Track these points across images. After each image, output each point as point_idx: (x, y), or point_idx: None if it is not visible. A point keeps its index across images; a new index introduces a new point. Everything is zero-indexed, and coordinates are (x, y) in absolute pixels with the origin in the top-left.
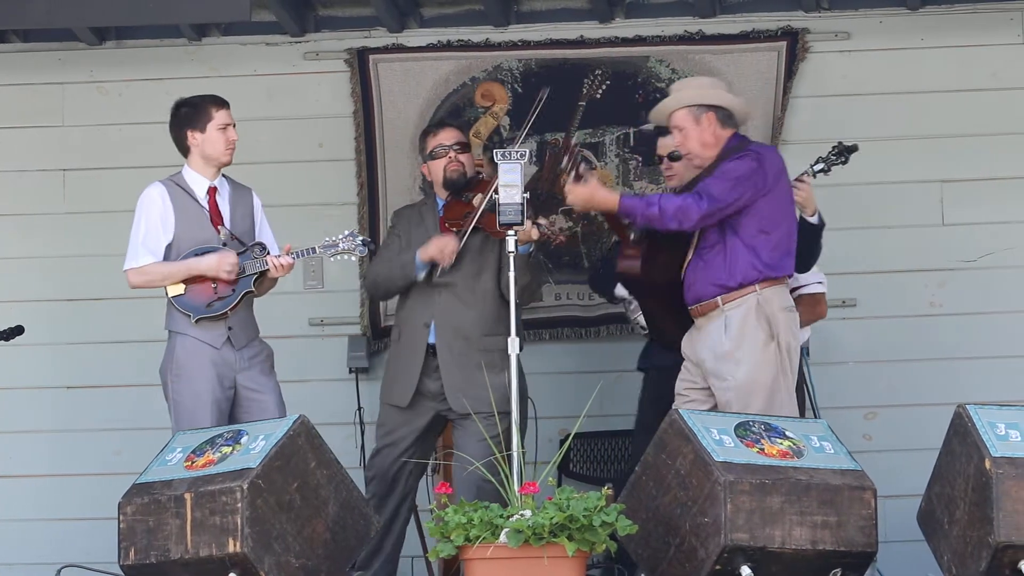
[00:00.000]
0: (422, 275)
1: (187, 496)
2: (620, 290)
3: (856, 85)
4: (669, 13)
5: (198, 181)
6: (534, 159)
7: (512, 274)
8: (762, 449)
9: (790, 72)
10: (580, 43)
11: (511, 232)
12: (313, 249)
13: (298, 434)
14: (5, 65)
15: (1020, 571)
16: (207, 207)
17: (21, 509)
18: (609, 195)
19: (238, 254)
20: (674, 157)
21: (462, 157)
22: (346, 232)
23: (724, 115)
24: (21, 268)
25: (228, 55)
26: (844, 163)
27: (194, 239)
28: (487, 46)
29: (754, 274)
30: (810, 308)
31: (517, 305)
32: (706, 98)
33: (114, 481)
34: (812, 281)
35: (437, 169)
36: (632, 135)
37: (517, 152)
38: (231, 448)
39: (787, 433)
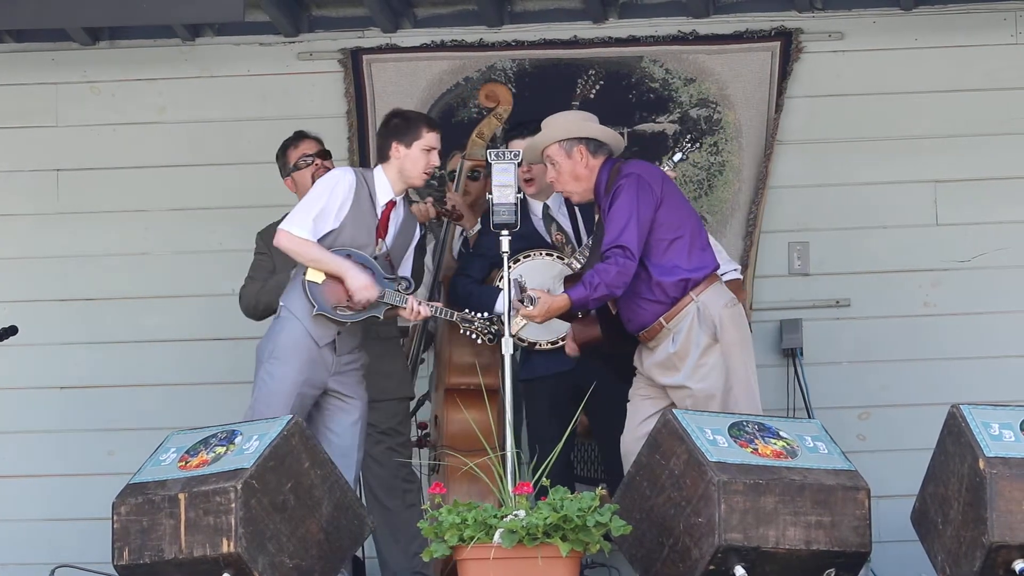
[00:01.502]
0: None
1: (181, 496)
2: (501, 305)
3: (850, 85)
4: (663, 13)
5: (384, 189)
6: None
7: (506, 273)
8: (756, 449)
9: (784, 72)
10: (574, 43)
11: (504, 233)
12: (451, 314)
13: (292, 434)
14: None
15: (1014, 571)
16: (380, 217)
17: (15, 509)
18: (559, 301)
19: (386, 278)
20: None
21: (328, 164)
22: (486, 314)
23: (595, 145)
24: (14, 268)
25: (222, 55)
26: (700, 146)
27: (354, 239)
28: (481, 46)
29: (683, 284)
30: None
31: (414, 271)
32: (575, 131)
33: (108, 481)
34: (728, 269)
35: (304, 179)
36: (626, 135)
37: (511, 152)
38: (225, 448)
39: (781, 433)
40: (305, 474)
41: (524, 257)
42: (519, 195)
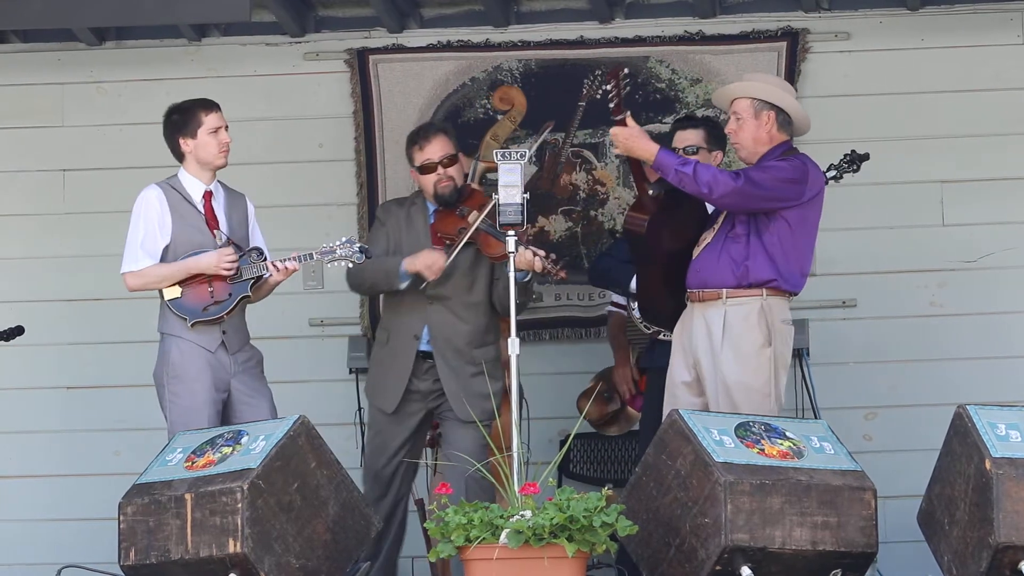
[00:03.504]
0: (404, 285)
1: (187, 496)
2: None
3: (856, 85)
4: (669, 13)
5: (194, 185)
6: (534, 159)
7: (511, 275)
8: (762, 450)
9: (792, 73)
10: (580, 43)
11: (511, 233)
12: (311, 255)
13: (298, 434)
14: (5, 65)
15: (1020, 572)
16: (203, 211)
17: (21, 509)
18: (648, 144)
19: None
20: (688, 151)
21: (452, 171)
22: (344, 239)
23: (784, 119)
24: (21, 268)
25: (228, 55)
26: (856, 171)
27: (191, 243)
28: (487, 46)
29: (767, 280)
30: None
31: (517, 305)
32: (773, 96)
33: (114, 481)
34: None
35: (427, 183)
36: None
37: (517, 152)
38: (231, 448)
39: (787, 433)
40: (311, 474)
41: None
42: (525, 195)
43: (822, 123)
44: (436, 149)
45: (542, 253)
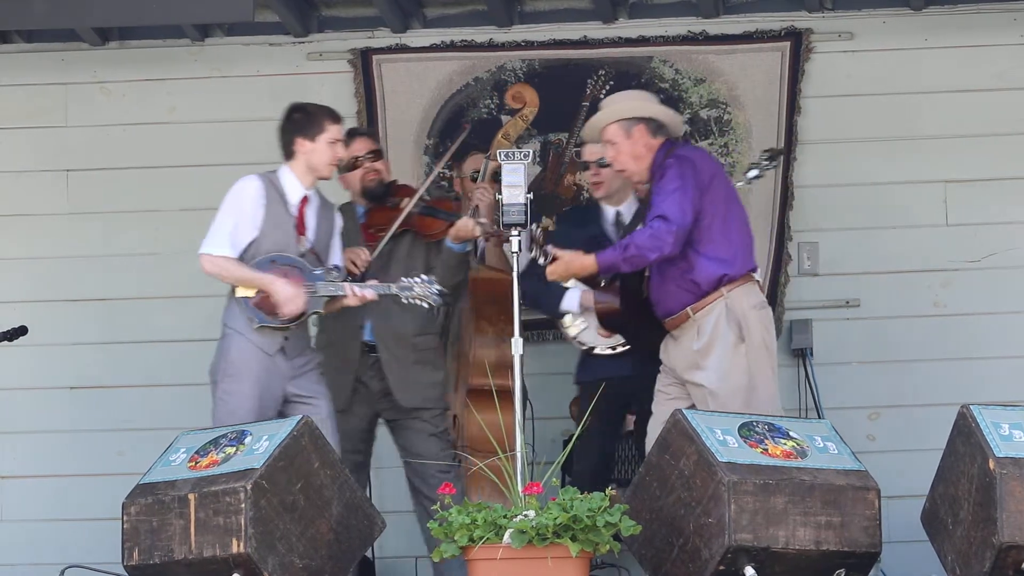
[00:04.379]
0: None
1: (191, 496)
2: (567, 303)
3: (860, 85)
4: (672, 13)
5: (294, 187)
6: (537, 160)
7: (515, 274)
8: (766, 449)
9: (795, 73)
10: (583, 43)
11: (514, 232)
12: (389, 287)
13: (301, 434)
14: (8, 65)
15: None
16: (296, 215)
17: (25, 510)
18: (585, 261)
19: (315, 272)
20: (602, 164)
21: (377, 165)
22: (423, 277)
23: (654, 126)
24: (24, 268)
25: (231, 55)
26: (776, 167)
27: (276, 243)
28: (490, 46)
29: (716, 277)
30: None
31: (457, 283)
32: (635, 111)
33: (118, 481)
34: None
35: (354, 180)
36: None
37: (521, 152)
38: (235, 448)
39: (791, 433)
40: (315, 474)
41: None
42: (529, 196)
43: (825, 123)
44: (359, 147)
45: (485, 221)
